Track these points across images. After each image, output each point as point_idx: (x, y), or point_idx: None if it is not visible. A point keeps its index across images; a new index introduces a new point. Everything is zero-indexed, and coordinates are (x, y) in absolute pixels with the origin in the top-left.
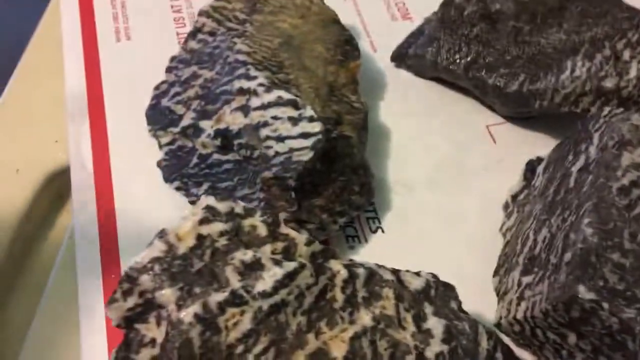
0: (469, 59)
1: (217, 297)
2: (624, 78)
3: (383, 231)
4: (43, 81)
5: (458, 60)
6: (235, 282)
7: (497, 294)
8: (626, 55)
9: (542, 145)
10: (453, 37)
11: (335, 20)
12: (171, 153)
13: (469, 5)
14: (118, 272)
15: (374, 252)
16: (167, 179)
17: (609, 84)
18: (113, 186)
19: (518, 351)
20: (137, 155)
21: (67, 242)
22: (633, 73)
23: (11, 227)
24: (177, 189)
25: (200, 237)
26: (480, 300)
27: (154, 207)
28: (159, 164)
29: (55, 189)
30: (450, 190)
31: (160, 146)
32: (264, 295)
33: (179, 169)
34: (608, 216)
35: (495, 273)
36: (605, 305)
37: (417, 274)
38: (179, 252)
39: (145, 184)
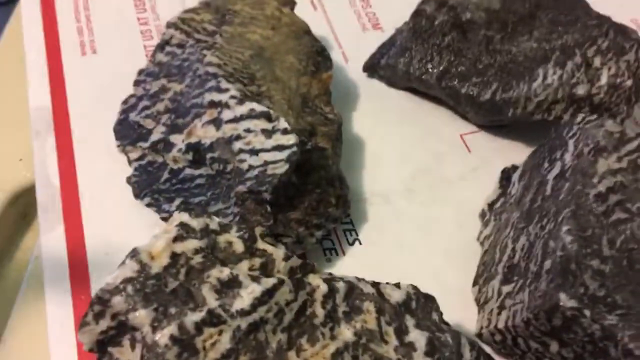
0: (441, 68)
1: (193, 317)
2: (595, 85)
3: (360, 243)
4: (6, 97)
5: (430, 70)
6: (212, 301)
7: (478, 304)
8: (597, 62)
9: (516, 153)
10: (425, 47)
11: (307, 31)
12: (141, 169)
13: (440, 15)
14: (88, 294)
15: (353, 264)
16: (138, 196)
17: (580, 91)
18: (81, 204)
19: None
20: (105, 171)
21: (34, 262)
22: (604, 80)
23: None
24: (148, 205)
25: (174, 256)
26: (460, 310)
27: (124, 225)
28: (128, 180)
29: (21, 208)
30: (427, 200)
31: (130, 162)
32: (243, 313)
33: (149, 185)
34: (586, 223)
35: (475, 283)
36: (587, 312)
37: (397, 286)
38: (152, 272)
39: (114, 201)
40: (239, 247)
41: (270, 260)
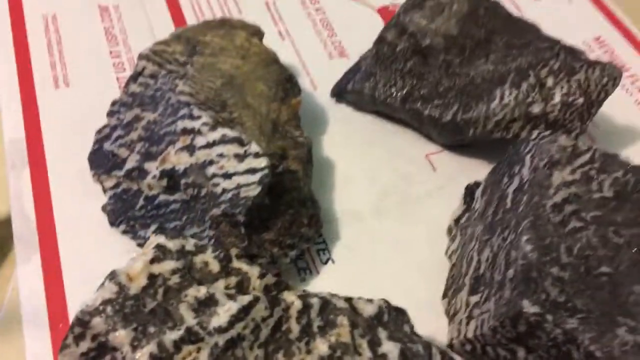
0: (404, 92)
1: (172, 336)
2: (549, 103)
3: (334, 262)
4: None
5: (394, 94)
6: (189, 319)
7: (447, 316)
8: (550, 82)
9: (479, 170)
10: (388, 72)
11: (275, 60)
12: (116, 197)
13: (401, 42)
14: (66, 322)
15: (326, 282)
16: (113, 223)
17: (536, 109)
18: (57, 234)
19: None
20: (80, 200)
21: (11, 294)
22: (557, 98)
23: None
24: (124, 232)
25: (151, 277)
26: (431, 323)
27: (100, 253)
28: (103, 209)
29: None
30: (396, 218)
31: (105, 190)
32: (220, 330)
33: (124, 212)
34: (544, 232)
35: (444, 295)
36: (549, 317)
37: (370, 300)
38: (130, 293)
39: (90, 230)
40: (214, 267)
41: (246, 279)
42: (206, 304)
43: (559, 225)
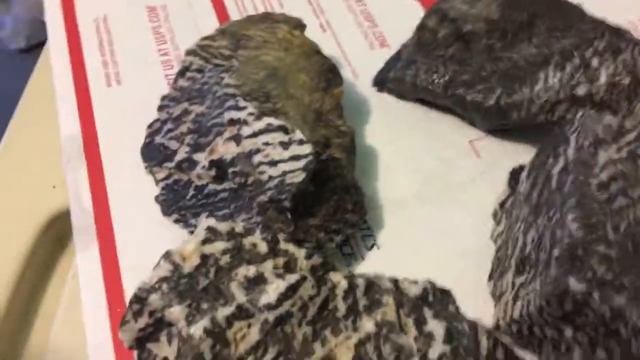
0: (446, 78)
1: (224, 312)
2: (594, 84)
3: (378, 247)
4: (38, 129)
5: (436, 80)
6: (240, 297)
7: (493, 298)
8: (595, 62)
9: (523, 154)
10: (429, 59)
11: (317, 51)
12: (168, 187)
13: (442, 28)
14: (123, 307)
15: (371, 268)
16: (166, 213)
17: (581, 91)
18: (113, 224)
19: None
20: (134, 192)
21: (71, 281)
22: (603, 79)
23: (14, 273)
24: (176, 221)
25: (204, 256)
26: (477, 306)
27: (154, 241)
28: (156, 199)
29: (56, 232)
30: (440, 204)
31: (157, 182)
32: (269, 307)
33: (176, 202)
34: (590, 211)
35: (490, 278)
36: (596, 294)
37: (415, 281)
38: (184, 272)
39: (144, 220)
40: (263, 248)
41: (293, 260)
42: (256, 283)
43: (605, 204)
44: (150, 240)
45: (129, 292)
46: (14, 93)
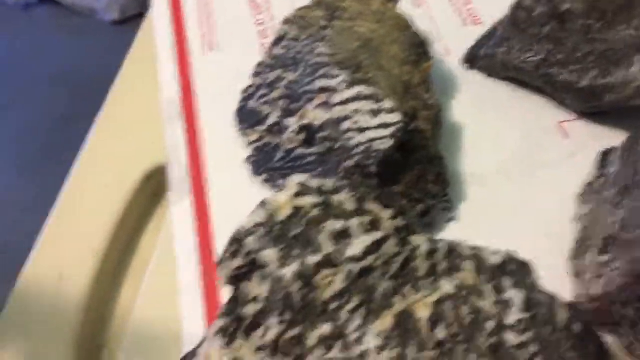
0: (540, 57)
1: (313, 259)
2: None
3: (458, 221)
4: (139, 94)
5: (529, 59)
6: (328, 247)
7: (573, 277)
8: None
9: (613, 138)
10: (524, 37)
11: (409, 25)
12: (258, 149)
13: (539, 7)
14: (213, 258)
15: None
16: (255, 173)
17: None
18: (206, 181)
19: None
20: (227, 152)
21: (166, 232)
22: None
23: (115, 221)
24: (265, 181)
25: (295, 207)
26: (555, 284)
27: (243, 199)
28: (247, 160)
29: (154, 186)
30: (524, 183)
31: (248, 144)
32: (354, 259)
33: (265, 164)
34: None
35: (571, 257)
36: None
37: (495, 251)
38: (278, 219)
39: (235, 179)
40: (350, 205)
41: (378, 219)
42: (342, 236)
43: None
44: (240, 198)
45: (219, 244)
46: (110, 63)
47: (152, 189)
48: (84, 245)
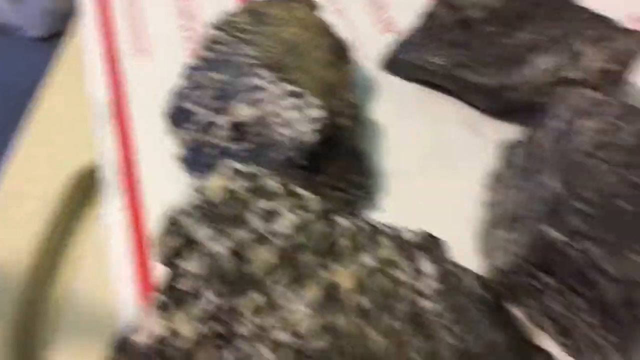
0: (450, 61)
1: (245, 236)
2: (587, 71)
3: (380, 212)
4: (70, 94)
5: (441, 63)
6: (259, 225)
7: (484, 255)
8: (586, 49)
9: (518, 132)
10: (435, 43)
11: (332, 33)
12: (190, 148)
13: (447, 15)
14: (145, 249)
15: None
16: (189, 171)
17: (572, 76)
18: (138, 180)
19: None
20: (158, 152)
21: (100, 228)
22: (594, 65)
23: (46, 221)
24: (199, 179)
25: (228, 190)
26: (469, 261)
27: (176, 197)
28: (180, 159)
29: (84, 187)
30: (440, 177)
31: (180, 143)
32: (284, 236)
33: (198, 161)
34: (572, 175)
35: (482, 237)
36: (574, 244)
37: (414, 231)
38: (212, 201)
39: (167, 176)
40: (279, 190)
41: (306, 201)
42: (273, 215)
43: (585, 167)
44: (173, 195)
45: (152, 235)
46: (37, 77)
47: (83, 190)
48: (15, 244)
